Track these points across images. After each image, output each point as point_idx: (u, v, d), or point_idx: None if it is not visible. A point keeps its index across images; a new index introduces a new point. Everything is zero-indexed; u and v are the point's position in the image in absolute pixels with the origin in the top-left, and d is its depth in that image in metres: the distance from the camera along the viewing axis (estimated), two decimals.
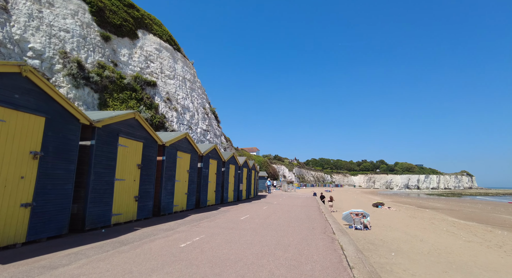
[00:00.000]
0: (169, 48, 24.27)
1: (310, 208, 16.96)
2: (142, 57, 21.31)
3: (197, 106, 25.26)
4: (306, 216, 12.76)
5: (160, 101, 21.20)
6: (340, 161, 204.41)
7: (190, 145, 13.90)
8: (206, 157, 15.54)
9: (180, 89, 23.60)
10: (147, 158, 10.17)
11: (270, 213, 13.54)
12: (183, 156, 13.15)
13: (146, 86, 20.49)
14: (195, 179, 14.18)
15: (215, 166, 16.93)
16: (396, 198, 63.17)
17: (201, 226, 8.97)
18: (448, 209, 38.21)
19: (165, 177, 11.44)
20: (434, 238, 13.76)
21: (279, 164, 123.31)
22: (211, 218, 11.07)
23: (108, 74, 17.34)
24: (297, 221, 10.84)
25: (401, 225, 18.38)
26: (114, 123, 8.06)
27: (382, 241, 11.96)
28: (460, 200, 63.47)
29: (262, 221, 10.62)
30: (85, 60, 16.50)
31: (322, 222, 11.00)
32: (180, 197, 12.91)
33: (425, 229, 16.96)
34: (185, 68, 25.34)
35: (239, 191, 21.23)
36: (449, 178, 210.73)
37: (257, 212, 13.80)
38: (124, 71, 19.48)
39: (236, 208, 15.74)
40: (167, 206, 11.72)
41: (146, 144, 10.17)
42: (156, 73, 22.02)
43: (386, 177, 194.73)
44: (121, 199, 8.80)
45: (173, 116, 21.61)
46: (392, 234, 14.01)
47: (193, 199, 14.01)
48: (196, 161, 14.27)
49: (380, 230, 15.33)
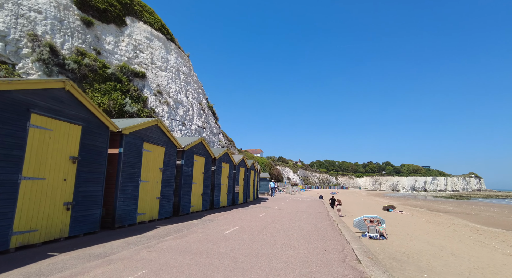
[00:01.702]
0: (162, 37, 22.33)
1: (318, 215, 14.62)
2: (130, 46, 19.39)
3: (192, 101, 23.25)
4: (313, 228, 10.10)
5: (150, 94, 19.24)
6: (346, 163, 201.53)
7: (163, 135, 10.77)
8: (188, 153, 12.74)
9: (173, 81, 21.63)
10: None
11: (267, 223, 10.77)
12: (153, 149, 10.07)
13: (133, 77, 18.55)
14: (172, 180, 11.40)
15: (202, 164, 14.15)
16: (405, 201, 60.64)
17: (156, 248, 6.16)
18: (463, 212, 35.75)
19: (123, 176, 8.50)
20: (465, 251, 11.53)
21: (283, 166, 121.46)
22: (184, 232, 8.34)
23: (89, 62, 15.41)
24: (301, 237, 8.10)
25: (420, 232, 16.15)
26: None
27: (406, 256, 9.78)
28: (472, 203, 60.78)
29: (252, 237, 7.84)
30: (61, 45, 14.59)
31: (335, 237, 8.33)
32: (148, 203, 9.90)
33: (449, 238, 14.73)
34: (179, 60, 23.38)
35: (234, 194, 18.71)
36: (457, 180, 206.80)
37: (250, 222, 11.04)
38: (109, 61, 17.56)
39: (226, 215, 13.00)
40: (127, 215, 8.73)
41: None
42: (146, 63, 20.08)
43: (392, 179, 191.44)
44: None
45: (164, 110, 19.62)
46: (415, 245, 11.82)
47: (168, 205, 11.14)
48: (173, 157, 11.39)
49: (398, 239, 13.14)
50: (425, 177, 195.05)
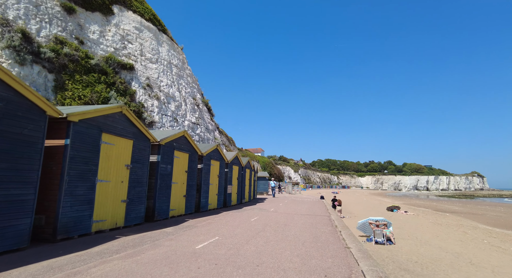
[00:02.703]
0: (152, 28, 21.07)
1: (318, 219, 13.33)
2: (117, 36, 18.15)
3: (185, 96, 21.99)
4: (311, 237, 8.65)
5: (138, 87, 18.00)
6: (347, 162, 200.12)
7: (131, 126, 9.14)
8: (167, 148, 11.15)
9: (164, 75, 20.38)
10: None
11: (256, 232, 9.21)
12: (116, 142, 8.51)
13: (120, 69, 17.31)
14: (144, 179, 9.83)
15: (185, 162, 12.68)
16: (408, 200, 59.34)
17: (84, 277, 4.50)
18: (470, 213, 34.41)
19: (71, 174, 6.87)
20: (484, 258, 10.25)
21: (285, 165, 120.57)
22: (145, 246, 6.68)
23: (69, 51, 14.18)
24: (295, 252, 6.42)
25: (430, 235, 14.86)
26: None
27: (420, 266, 8.51)
28: (477, 203, 59.41)
29: (231, 253, 6.20)
30: (36, 32, 13.36)
31: (339, 252, 6.74)
32: (109, 208, 8.21)
33: (462, 242, 13.44)
34: (171, 52, 22.12)
35: (226, 195, 17.16)
36: (460, 179, 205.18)
37: (236, 230, 9.39)
38: (94, 51, 16.33)
39: (211, 220, 11.40)
40: (76, 223, 7.04)
41: None
42: (134, 55, 18.84)
43: (394, 178, 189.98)
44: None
45: (154, 105, 18.37)
46: (427, 252, 10.54)
47: (138, 210, 9.57)
48: (145, 152, 9.76)
49: (407, 244, 11.86)
50: (427, 176, 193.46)
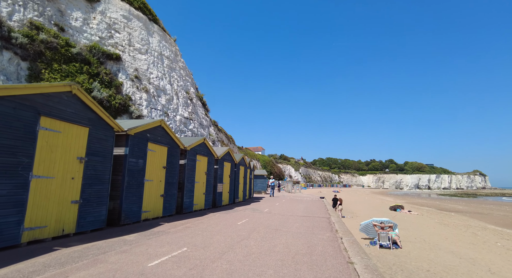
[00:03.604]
0: (142, 17, 19.92)
1: (316, 222, 12.12)
2: (103, 24, 17.00)
3: (177, 89, 20.84)
4: (306, 248, 6.80)
5: (126, 79, 16.86)
6: (348, 161, 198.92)
7: (84, 110, 7.47)
8: (137, 139, 9.42)
9: (154, 66, 19.24)
10: None
11: (238, 240, 7.46)
12: (62, 128, 6.82)
13: (106, 59, 16.16)
14: (106, 176, 8.18)
15: (162, 156, 11.01)
16: (410, 199, 58.19)
17: None
18: (475, 212, 33.22)
19: None
20: (504, 266, 9.09)
21: (285, 164, 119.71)
22: (79, 263, 4.94)
23: (46, 38, 13.05)
24: (281, 275, 4.68)
25: (438, 238, 13.72)
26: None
27: (433, 275, 7.36)
28: (481, 202, 58.23)
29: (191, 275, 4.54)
30: (8, 16, 12.24)
31: (341, 272, 5.01)
32: (52, 211, 6.60)
33: (474, 246, 12.29)
34: (163, 43, 20.96)
35: (216, 194, 15.84)
36: (461, 178, 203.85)
37: (214, 238, 7.58)
38: (76, 39, 15.19)
39: (190, 225, 9.70)
40: None
41: None
42: (122, 45, 17.69)
43: (396, 177, 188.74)
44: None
45: (143, 98, 17.23)
46: (438, 258, 9.39)
47: (97, 212, 7.83)
48: (106, 143, 8.15)
49: (415, 248, 10.72)
50: (429, 174, 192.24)
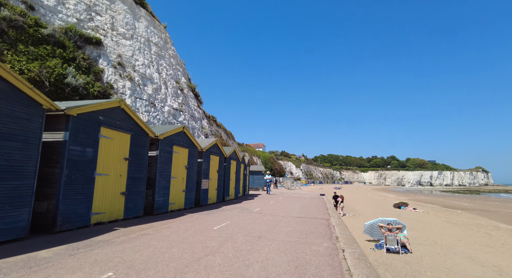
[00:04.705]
0: (127, 0, 18.40)
1: (312, 226, 10.44)
2: (82, 5, 15.54)
3: (166, 78, 19.38)
4: (293, 269, 5.01)
5: (108, 65, 15.43)
6: (350, 157, 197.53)
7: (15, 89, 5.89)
8: (82, 122, 7.51)
9: (140, 53, 17.78)
10: None
11: (198, 258, 5.47)
12: None
13: (84, 43, 14.73)
14: (30, 168, 6.24)
15: (123, 145, 9.16)
16: (412, 196, 56.89)
17: None
18: (482, 210, 31.81)
19: None
20: None
21: (286, 161, 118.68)
22: None
23: (10, 15, 11.61)
24: None
25: (450, 239, 12.31)
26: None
27: None
28: (485, 198, 56.93)
29: None
30: None
31: None
32: None
33: (492, 249, 10.89)
34: (150, 29, 19.49)
35: (200, 192, 14.17)
36: (464, 175, 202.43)
37: (167, 253, 5.71)
38: (49, 20, 13.76)
39: (151, 230, 8.02)
40: None
41: None
42: (104, 29, 16.24)
43: (398, 173, 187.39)
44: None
45: (126, 86, 15.81)
46: (455, 265, 7.99)
47: (16, 217, 5.96)
48: (29, 124, 6.18)
49: (426, 252, 9.32)
50: (431, 171, 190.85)
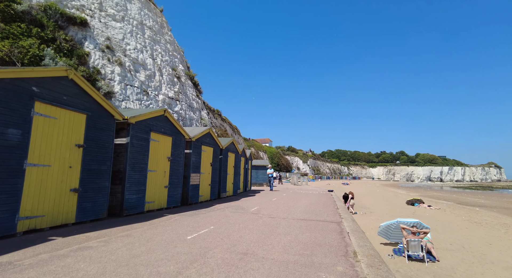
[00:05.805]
0: None
1: (320, 235, 7.87)
2: None
3: (161, 65, 17.95)
4: None
5: (95, 49, 14.06)
6: (358, 153, 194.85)
7: None
8: (8, 96, 5.76)
9: (132, 37, 16.37)
10: None
11: None
12: None
13: (67, 23, 13.37)
14: None
15: (76, 129, 7.35)
16: (423, 192, 54.89)
17: None
18: (501, 207, 29.83)
19: None
20: None
21: (293, 156, 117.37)
22: None
23: None
24: None
25: (479, 243, 10.68)
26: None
27: None
28: (501, 195, 54.53)
29: None
30: None
31: None
32: None
33: None
34: (144, 11, 18.04)
35: (188, 188, 12.29)
36: (475, 170, 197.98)
37: None
38: None
39: (96, 242, 5.92)
40: None
41: None
42: (91, 9, 14.85)
43: (407, 169, 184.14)
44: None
45: (115, 72, 14.43)
46: None
47: None
48: None
49: (457, 260, 7.76)
50: (442, 167, 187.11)
